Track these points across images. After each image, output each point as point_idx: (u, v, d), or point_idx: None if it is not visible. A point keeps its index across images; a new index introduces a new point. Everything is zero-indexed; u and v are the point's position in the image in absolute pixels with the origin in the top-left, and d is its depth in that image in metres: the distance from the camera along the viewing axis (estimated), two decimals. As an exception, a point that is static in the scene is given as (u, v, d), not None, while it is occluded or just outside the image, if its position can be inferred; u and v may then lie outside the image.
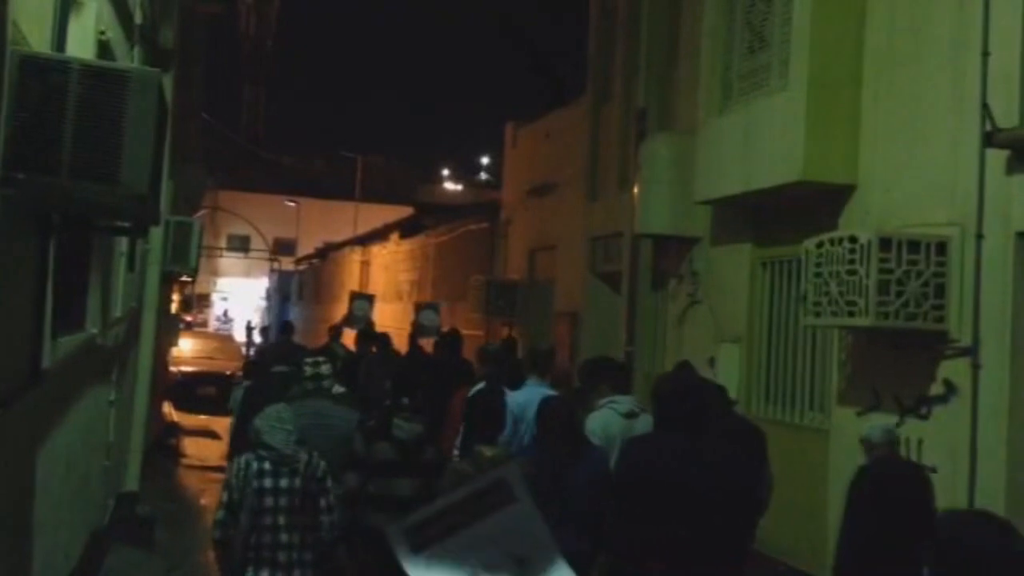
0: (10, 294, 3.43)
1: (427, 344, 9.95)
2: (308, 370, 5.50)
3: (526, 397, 5.50)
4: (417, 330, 10.95)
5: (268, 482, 4.40)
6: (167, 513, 9.09)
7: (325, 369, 5.54)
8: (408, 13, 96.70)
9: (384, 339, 9.88)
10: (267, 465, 4.43)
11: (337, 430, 5.21)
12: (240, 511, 4.41)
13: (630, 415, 5.01)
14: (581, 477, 4.33)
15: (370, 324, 11.47)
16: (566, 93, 13.62)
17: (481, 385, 5.97)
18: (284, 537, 4.39)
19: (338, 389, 5.89)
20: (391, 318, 20.33)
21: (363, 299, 12.89)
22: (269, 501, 4.40)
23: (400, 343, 10.93)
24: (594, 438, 4.70)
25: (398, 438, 4.78)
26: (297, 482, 4.43)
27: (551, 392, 5.42)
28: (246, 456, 4.51)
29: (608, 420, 4.96)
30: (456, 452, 5.32)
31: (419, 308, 13.15)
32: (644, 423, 4.83)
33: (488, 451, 4.20)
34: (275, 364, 7.84)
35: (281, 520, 4.39)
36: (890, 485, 4.19)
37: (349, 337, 11.61)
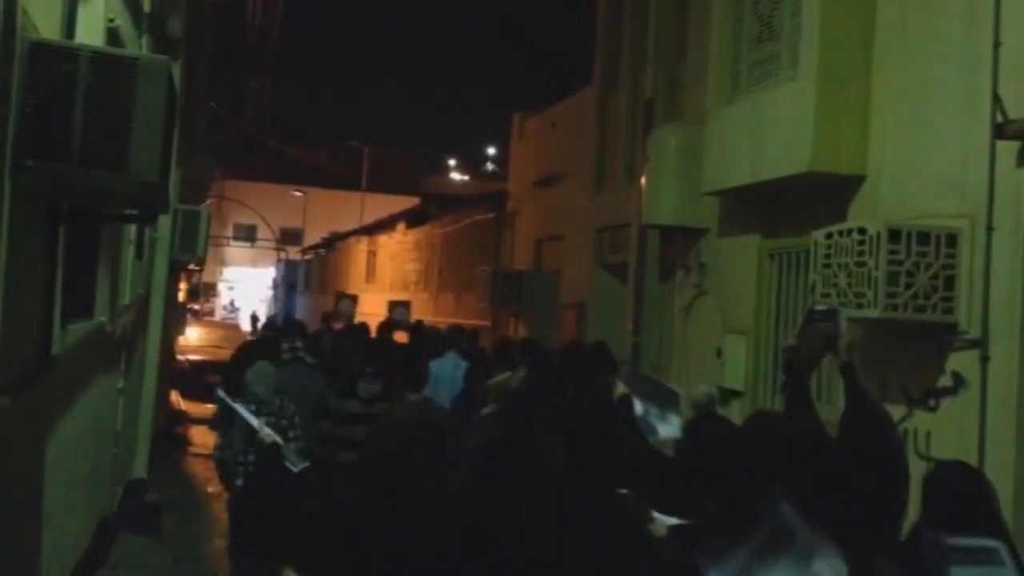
0: (20, 281, 3.43)
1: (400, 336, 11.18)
2: (286, 346, 7.35)
3: (439, 365, 7.65)
4: (391, 323, 11.70)
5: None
6: (174, 501, 9.13)
7: (299, 344, 7.50)
8: (412, 6, 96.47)
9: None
10: (253, 407, 5.91)
11: (310, 384, 7.16)
12: (233, 439, 5.91)
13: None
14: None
15: (351, 319, 12.73)
16: (571, 86, 13.58)
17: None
18: None
19: (310, 360, 7.69)
20: (397, 308, 20.30)
21: (347, 299, 14.20)
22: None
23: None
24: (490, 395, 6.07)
25: (361, 396, 6.43)
26: (273, 419, 5.94)
27: (461, 361, 7.67)
28: (239, 401, 5.99)
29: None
30: None
31: (393, 306, 13.91)
32: None
33: (414, 397, 6.16)
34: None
35: None
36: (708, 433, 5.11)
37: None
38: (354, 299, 15.19)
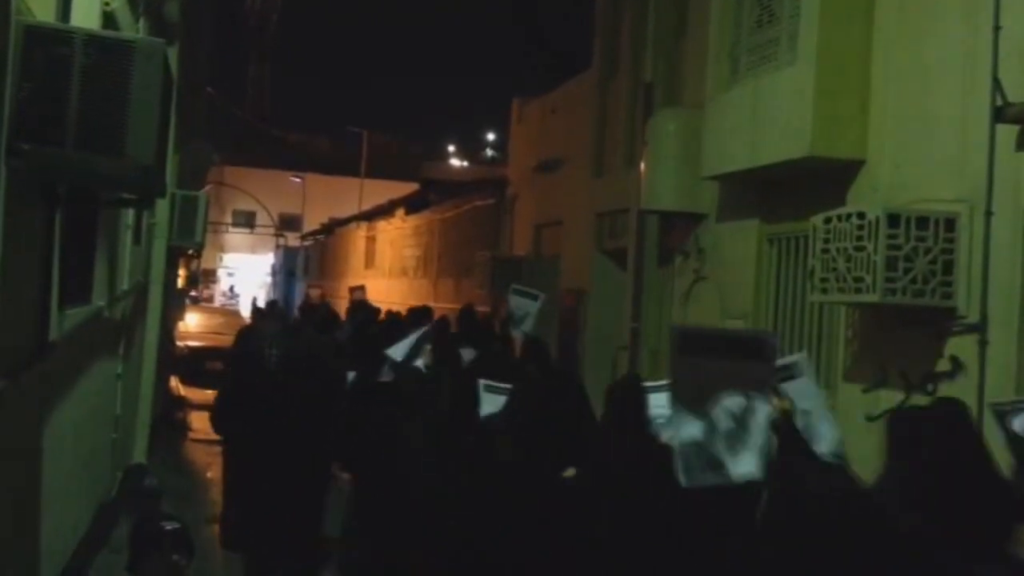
0: (17, 266, 3.43)
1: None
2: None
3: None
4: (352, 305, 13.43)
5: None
6: (174, 486, 9.15)
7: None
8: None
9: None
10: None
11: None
12: None
13: None
14: None
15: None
16: (570, 71, 13.52)
17: None
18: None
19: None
20: (397, 293, 20.34)
21: (317, 288, 16.51)
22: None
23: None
24: None
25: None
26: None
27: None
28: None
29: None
30: None
31: (353, 290, 14.99)
32: None
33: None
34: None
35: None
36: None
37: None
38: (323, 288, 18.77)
